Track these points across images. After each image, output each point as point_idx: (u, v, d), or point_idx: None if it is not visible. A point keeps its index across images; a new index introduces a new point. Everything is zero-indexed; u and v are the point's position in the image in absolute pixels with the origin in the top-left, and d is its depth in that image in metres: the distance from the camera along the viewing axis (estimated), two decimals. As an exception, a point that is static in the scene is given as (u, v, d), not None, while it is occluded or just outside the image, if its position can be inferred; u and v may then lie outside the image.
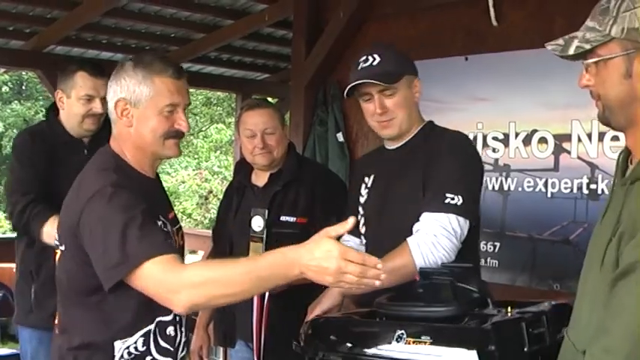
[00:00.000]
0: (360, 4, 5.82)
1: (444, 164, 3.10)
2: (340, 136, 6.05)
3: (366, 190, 3.38)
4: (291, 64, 6.62)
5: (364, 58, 3.23)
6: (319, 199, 3.95)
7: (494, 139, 5.10)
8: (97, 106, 4.02)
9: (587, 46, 2.06)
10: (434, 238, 2.97)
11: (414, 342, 2.38)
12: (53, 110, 4.21)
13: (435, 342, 2.36)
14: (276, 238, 3.82)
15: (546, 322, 2.53)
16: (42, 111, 20.08)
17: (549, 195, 4.84)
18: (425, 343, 2.37)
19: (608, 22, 2.03)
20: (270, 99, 9.49)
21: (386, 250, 2.99)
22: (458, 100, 5.22)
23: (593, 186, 4.61)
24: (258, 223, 3.89)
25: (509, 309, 2.54)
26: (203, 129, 23.57)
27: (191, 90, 12.27)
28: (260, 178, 4.08)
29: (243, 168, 4.18)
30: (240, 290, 2.44)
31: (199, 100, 20.98)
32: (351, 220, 2.38)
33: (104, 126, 3.91)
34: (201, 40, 7.85)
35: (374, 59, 3.19)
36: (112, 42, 7.98)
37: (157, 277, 2.46)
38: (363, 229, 3.38)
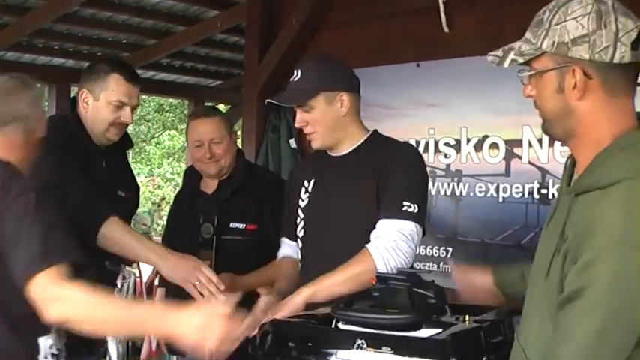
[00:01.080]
0: (313, 11, 5.83)
1: (399, 174, 3.16)
2: (292, 143, 6.05)
3: (307, 195, 3.38)
4: (244, 71, 6.61)
5: (294, 71, 3.29)
6: (269, 206, 3.95)
7: (446, 144, 5.13)
8: (126, 115, 3.59)
9: (520, 60, 2.06)
10: (393, 243, 3.03)
11: (374, 352, 2.38)
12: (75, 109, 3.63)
13: (396, 352, 2.36)
14: (226, 244, 3.82)
15: (504, 330, 2.57)
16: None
17: (501, 200, 4.88)
18: (385, 353, 2.37)
19: (541, 35, 2.03)
20: (222, 106, 9.52)
21: (326, 253, 3.14)
22: (409, 106, 5.24)
23: (544, 191, 4.66)
24: (207, 230, 3.90)
25: (466, 317, 2.56)
26: (155, 136, 23.42)
27: (143, 97, 12.21)
28: (209, 186, 4.09)
29: (192, 175, 4.19)
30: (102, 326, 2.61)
31: (151, 107, 20.85)
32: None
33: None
34: (154, 47, 7.83)
35: (296, 74, 3.26)
36: (64, 48, 7.94)
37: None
38: (301, 233, 3.39)
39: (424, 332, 2.46)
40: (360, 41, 5.60)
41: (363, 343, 2.41)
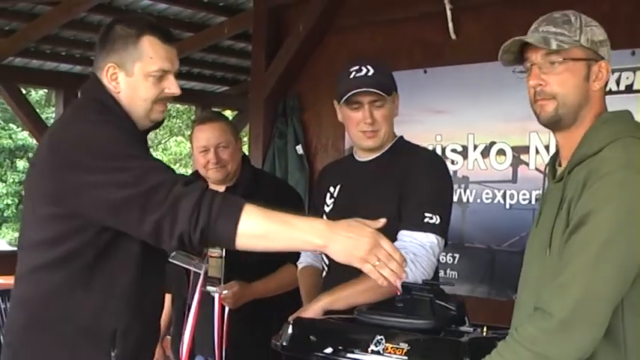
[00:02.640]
0: (320, 17, 5.83)
1: (422, 183, 3.14)
2: (299, 149, 6.05)
3: (332, 200, 3.37)
4: (251, 77, 6.63)
5: (357, 68, 3.21)
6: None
7: (453, 151, 5.13)
8: (173, 85, 2.77)
9: (566, 46, 2.29)
10: (413, 257, 2.99)
11: (391, 348, 2.43)
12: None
13: (412, 350, 2.41)
14: (235, 252, 3.79)
15: None
16: (0, 123, 19.90)
17: (508, 206, 4.88)
18: (402, 350, 2.41)
19: (576, 32, 2.31)
20: (229, 111, 9.52)
21: None
22: (417, 113, 5.24)
23: (550, 197, 4.66)
24: None
25: (484, 329, 2.59)
26: (162, 142, 23.49)
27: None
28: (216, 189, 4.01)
29: (200, 178, 4.04)
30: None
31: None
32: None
33: None
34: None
35: (368, 70, 3.19)
36: (71, 54, 7.95)
37: None
38: None
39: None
40: (367, 47, 5.61)
41: (382, 339, 2.47)
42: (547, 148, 4.67)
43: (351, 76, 3.21)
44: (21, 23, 7.09)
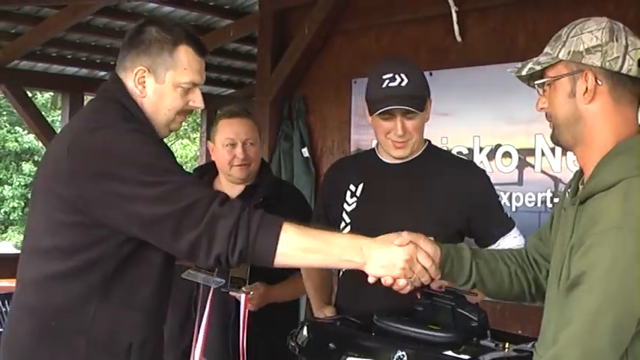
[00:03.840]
0: (325, 20, 5.83)
1: (490, 191, 3.29)
2: (305, 152, 6.05)
3: (354, 199, 3.31)
4: (256, 80, 6.63)
5: (391, 76, 3.14)
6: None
7: (459, 153, 5.12)
8: (198, 99, 2.77)
9: (538, 67, 2.21)
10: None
11: None
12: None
13: None
14: None
15: None
16: (6, 126, 19.91)
17: (514, 209, 4.88)
18: None
19: (558, 46, 2.19)
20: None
21: None
22: (422, 115, 5.23)
23: (556, 200, 4.64)
24: None
25: (507, 345, 2.55)
26: (168, 144, 23.51)
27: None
28: (229, 190, 3.69)
29: (206, 176, 3.92)
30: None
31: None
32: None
33: None
34: (166, 56, 7.83)
35: (402, 79, 3.12)
36: (77, 57, 7.96)
37: None
38: None
39: (463, 354, 2.44)
40: (372, 50, 5.61)
41: (403, 356, 2.41)
42: (553, 150, 4.67)
43: (384, 85, 3.14)
44: (27, 26, 7.10)
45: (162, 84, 2.64)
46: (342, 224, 3.32)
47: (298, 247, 2.42)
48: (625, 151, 2.10)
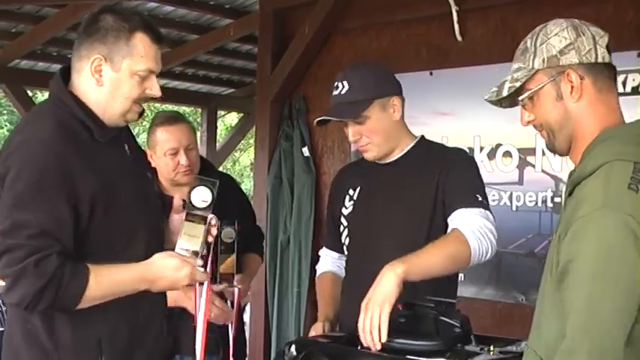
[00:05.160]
0: (326, 19, 5.82)
1: (465, 172, 3.15)
2: (306, 151, 6.05)
3: (351, 202, 3.33)
4: (257, 79, 6.62)
5: (335, 84, 3.20)
6: (234, 203, 3.96)
7: (459, 153, 5.12)
8: (155, 87, 2.73)
9: (517, 84, 2.25)
10: (481, 227, 2.94)
11: None
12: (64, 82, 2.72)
13: None
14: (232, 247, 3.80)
15: None
16: (6, 125, 19.91)
17: (514, 208, 4.87)
18: None
19: (530, 58, 2.24)
20: (235, 114, 9.53)
21: (373, 263, 2.91)
22: (423, 115, 5.23)
23: (557, 199, 4.65)
24: (229, 234, 3.83)
25: (491, 347, 2.56)
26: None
27: (156, 105, 12.13)
28: (178, 193, 3.63)
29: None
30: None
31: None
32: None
33: None
34: (166, 55, 7.82)
35: (342, 87, 3.16)
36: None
37: None
38: (346, 241, 3.35)
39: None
40: (373, 49, 5.61)
41: None
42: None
43: (332, 94, 3.21)
44: (27, 25, 7.11)
45: (119, 72, 2.63)
46: (341, 228, 3.36)
47: (95, 297, 2.54)
48: (607, 139, 2.15)
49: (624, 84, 4.36)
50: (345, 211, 3.36)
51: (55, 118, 2.60)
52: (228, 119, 15.29)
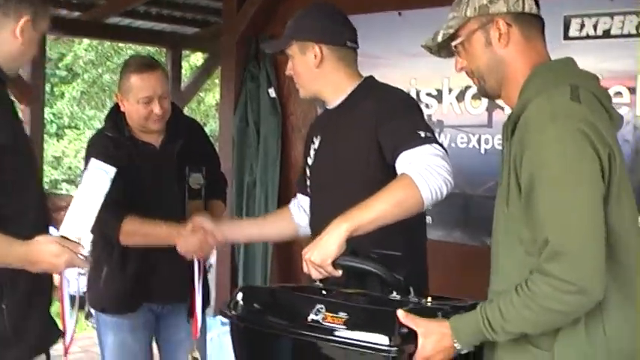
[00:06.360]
0: (293, -42, 5.73)
1: (401, 112, 3.07)
2: (272, 92, 6.00)
3: (313, 152, 3.33)
4: (222, 18, 6.53)
5: None
6: (201, 150, 3.99)
7: (428, 95, 5.10)
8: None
9: (451, 31, 2.45)
10: (428, 165, 2.83)
11: (331, 317, 2.47)
12: None
13: (351, 319, 2.44)
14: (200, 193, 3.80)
15: None
16: None
17: (483, 151, 4.86)
18: (341, 319, 2.45)
19: (463, 8, 2.44)
20: (200, 54, 9.44)
21: (328, 205, 3.03)
22: (391, 56, 5.19)
23: (526, 142, 4.63)
24: (197, 180, 3.79)
25: (429, 299, 2.59)
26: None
27: (120, 45, 12.06)
28: (149, 138, 3.83)
29: (118, 124, 3.83)
30: None
31: (129, 56, 20.73)
32: None
33: None
34: (130, -6, 7.74)
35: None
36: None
37: None
38: (309, 190, 3.39)
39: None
40: (341, -11, 5.52)
41: (322, 308, 2.51)
42: (523, 92, 4.63)
43: None
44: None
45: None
46: (306, 179, 3.41)
47: None
48: (540, 73, 2.33)
49: (595, 27, 4.33)
50: (309, 161, 3.38)
51: None
52: (193, 59, 15.17)
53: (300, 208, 3.50)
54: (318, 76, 3.22)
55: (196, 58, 14.75)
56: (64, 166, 17.12)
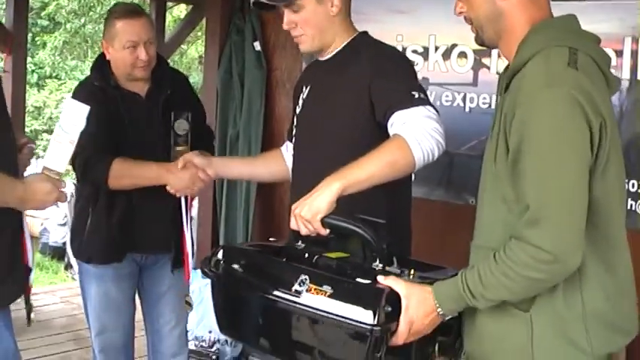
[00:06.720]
0: None
1: (395, 72, 3.07)
2: (257, 45, 5.96)
3: (302, 102, 3.32)
4: (208, -31, 6.47)
5: None
6: (187, 101, 3.99)
7: (414, 52, 5.07)
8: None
9: None
10: (422, 127, 2.84)
11: (315, 289, 2.45)
12: None
13: (335, 293, 2.41)
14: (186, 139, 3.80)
15: None
16: None
17: (467, 110, 4.85)
18: (325, 292, 2.43)
19: None
20: (183, 5, 9.33)
21: (310, 157, 3.08)
22: (377, 12, 5.15)
23: (510, 101, 4.63)
24: (183, 126, 3.79)
25: (412, 271, 2.56)
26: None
27: (103, -6, 11.81)
28: (135, 87, 3.84)
29: (104, 73, 3.84)
30: None
31: (111, 6, 20.52)
32: None
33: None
34: (115, -58, 7.64)
35: None
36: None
37: None
38: (294, 140, 3.39)
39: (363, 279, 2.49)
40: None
41: (306, 279, 2.48)
42: (509, 51, 4.62)
43: None
44: None
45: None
46: (294, 127, 3.39)
47: None
48: (540, 30, 2.29)
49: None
50: (297, 110, 3.36)
51: None
52: (176, 11, 15.03)
53: (289, 152, 3.50)
54: (331, 26, 3.17)
55: (179, 10, 14.62)
56: (45, 117, 16.98)
